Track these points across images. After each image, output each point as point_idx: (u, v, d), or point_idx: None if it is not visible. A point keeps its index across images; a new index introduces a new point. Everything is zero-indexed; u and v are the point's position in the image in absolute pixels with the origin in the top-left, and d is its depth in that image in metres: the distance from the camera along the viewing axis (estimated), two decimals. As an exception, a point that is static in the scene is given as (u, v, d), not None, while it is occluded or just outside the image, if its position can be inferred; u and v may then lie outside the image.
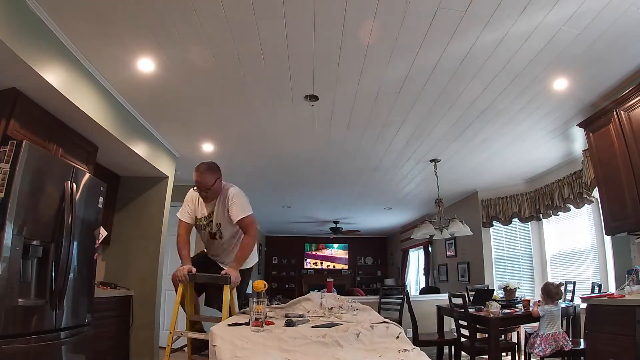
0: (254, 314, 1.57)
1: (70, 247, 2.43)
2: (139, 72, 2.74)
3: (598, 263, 4.06)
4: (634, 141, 2.62)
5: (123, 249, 4.12)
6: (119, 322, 3.66)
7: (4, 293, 1.97)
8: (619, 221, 2.83)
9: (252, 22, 2.21)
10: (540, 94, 3.01)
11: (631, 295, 2.51)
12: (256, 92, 2.99)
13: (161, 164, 4.13)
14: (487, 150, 4.27)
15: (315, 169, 5.01)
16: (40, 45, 2.22)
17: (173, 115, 3.52)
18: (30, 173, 2.19)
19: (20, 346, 2.04)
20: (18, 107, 2.40)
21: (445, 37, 2.34)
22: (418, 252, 9.59)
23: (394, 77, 2.78)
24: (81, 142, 3.13)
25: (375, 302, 5.07)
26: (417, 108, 3.26)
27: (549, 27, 2.24)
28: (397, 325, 1.69)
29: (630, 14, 2.13)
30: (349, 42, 2.39)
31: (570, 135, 3.82)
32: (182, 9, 2.11)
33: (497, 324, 3.33)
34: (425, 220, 4.89)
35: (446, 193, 5.94)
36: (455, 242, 6.85)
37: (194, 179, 2.33)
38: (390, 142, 4.04)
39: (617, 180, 2.80)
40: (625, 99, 2.69)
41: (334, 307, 2.25)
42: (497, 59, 2.55)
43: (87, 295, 2.70)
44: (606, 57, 2.55)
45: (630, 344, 2.22)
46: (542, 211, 5.01)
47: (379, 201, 7.01)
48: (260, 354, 1.22)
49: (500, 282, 4.64)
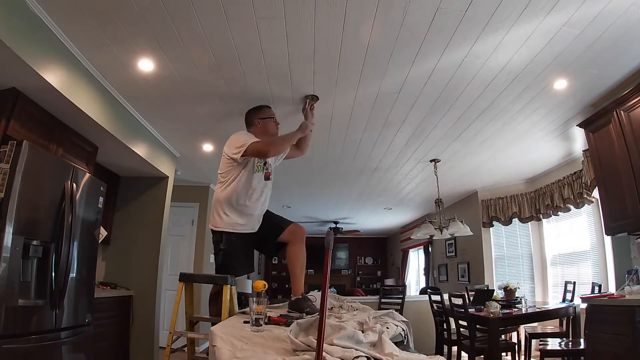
0: (254, 314, 1.57)
1: (70, 247, 2.43)
2: (139, 72, 2.74)
3: (598, 263, 4.06)
4: (634, 141, 2.63)
5: (123, 249, 4.12)
6: (119, 322, 3.66)
7: (4, 293, 1.97)
8: (619, 221, 2.83)
9: (252, 22, 2.21)
10: (540, 94, 3.01)
11: (631, 295, 2.51)
12: (256, 92, 2.99)
13: (161, 164, 4.13)
14: (487, 150, 4.27)
15: (315, 169, 5.01)
16: (40, 45, 2.22)
17: (173, 115, 3.52)
18: (30, 173, 2.19)
19: (20, 346, 2.04)
20: (18, 107, 2.40)
21: (445, 37, 2.33)
22: (418, 252, 9.59)
23: (394, 77, 2.78)
24: (81, 142, 3.13)
25: (375, 302, 5.08)
26: (417, 108, 3.26)
27: (549, 28, 2.24)
28: (398, 325, 1.69)
29: (630, 14, 2.13)
30: (349, 42, 2.39)
31: (570, 135, 3.82)
32: (182, 9, 2.11)
33: (497, 324, 3.34)
34: (425, 221, 4.90)
35: (446, 193, 5.94)
36: (455, 242, 6.86)
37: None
38: (390, 142, 4.04)
39: (617, 180, 2.80)
40: (625, 99, 2.69)
41: (334, 307, 2.25)
42: (497, 59, 2.55)
43: (87, 295, 2.70)
44: (606, 57, 2.55)
45: (630, 344, 2.22)
46: (542, 211, 5.01)
47: (379, 201, 7.01)
48: (260, 354, 1.22)
49: (500, 282, 4.64)
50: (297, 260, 2.31)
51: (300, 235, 2.36)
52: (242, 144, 2.28)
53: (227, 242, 2.26)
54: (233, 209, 2.30)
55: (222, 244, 2.27)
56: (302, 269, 2.32)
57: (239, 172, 2.31)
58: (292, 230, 2.36)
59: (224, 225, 2.29)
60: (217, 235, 2.32)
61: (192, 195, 5.72)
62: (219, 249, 2.29)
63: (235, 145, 2.31)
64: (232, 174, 2.31)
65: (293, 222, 2.40)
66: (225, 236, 2.28)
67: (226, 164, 2.35)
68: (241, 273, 2.38)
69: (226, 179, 2.33)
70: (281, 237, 2.36)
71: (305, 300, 2.16)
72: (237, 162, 2.30)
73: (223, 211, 2.30)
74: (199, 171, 5.18)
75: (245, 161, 2.33)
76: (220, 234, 2.30)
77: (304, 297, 2.18)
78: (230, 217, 2.29)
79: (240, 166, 2.32)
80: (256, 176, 2.36)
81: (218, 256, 2.30)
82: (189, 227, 5.63)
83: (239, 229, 2.30)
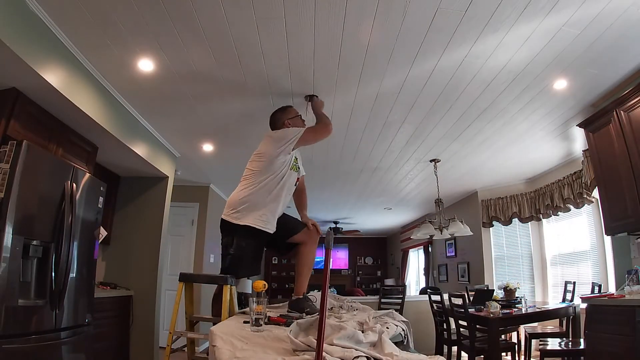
0: (254, 314, 1.57)
1: (70, 247, 2.43)
2: (139, 72, 2.74)
3: (598, 263, 4.06)
4: (634, 141, 2.62)
5: (123, 249, 4.12)
6: (119, 322, 3.66)
7: (4, 293, 1.96)
8: (618, 221, 2.83)
9: (252, 22, 2.21)
10: (540, 94, 3.01)
11: (631, 295, 2.51)
12: (256, 92, 2.99)
13: (161, 164, 4.13)
14: (487, 150, 4.27)
15: (315, 169, 5.01)
16: (40, 45, 2.22)
17: (173, 115, 3.51)
18: (30, 173, 2.19)
19: (20, 346, 2.04)
20: (18, 107, 2.40)
21: (445, 37, 2.33)
22: (418, 252, 9.59)
23: (394, 77, 2.78)
24: (81, 142, 3.13)
25: (375, 302, 5.08)
26: (417, 108, 3.26)
27: (549, 28, 2.24)
28: (398, 325, 1.69)
29: (630, 14, 2.13)
30: (349, 42, 2.39)
31: (570, 135, 3.82)
32: (182, 9, 2.11)
33: (497, 324, 3.34)
34: (425, 221, 4.90)
35: (446, 193, 5.94)
36: (455, 242, 6.86)
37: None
38: (390, 142, 4.04)
39: (617, 180, 2.80)
40: (625, 99, 2.69)
41: (334, 307, 2.25)
42: (497, 59, 2.55)
43: (87, 295, 2.70)
44: (606, 57, 2.55)
45: (630, 344, 2.22)
46: (542, 211, 5.01)
47: (379, 201, 7.01)
48: (260, 354, 1.22)
49: (500, 282, 4.64)
50: (307, 260, 2.32)
51: (315, 237, 2.37)
52: (293, 134, 2.35)
53: (238, 247, 2.18)
54: (264, 205, 2.23)
55: (232, 248, 2.20)
56: (309, 270, 2.33)
57: (278, 169, 2.29)
58: (307, 232, 2.36)
59: (251, 221, 2.18)
60: (229, 237, 2.23)
61: (192, 195, 5.72)
62: (227, 253, 2.22)
63: (285, 137, 2.33)
64: (270, 171, 2.28)
65: (307, 225, 2.37)
66: (237, 239, 2.19)
67: (263, 163, 2.30)
68: (246, 276, 2.37)
69: (262, 177, 2.26)
70: (295, 237, 2.35)
71: (306, 300, 2.16)
72: (283, 156, 2.29)
73: (252, 207, 2.21)
74: (199, 171, 5.18)
75: (285, 160, 2.32)
76: (232, 235, 2.20)
77: (304, 297, 2.18)
78: (258, 214, 2.20)
79: (280, 164, 2.30)
80: (292, 175, 2.38)
81: (225, 259, 2.23)
82: (189, 227, 5.63)
83: (262, 226, 2.20)
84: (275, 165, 2.29)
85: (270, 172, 2.27)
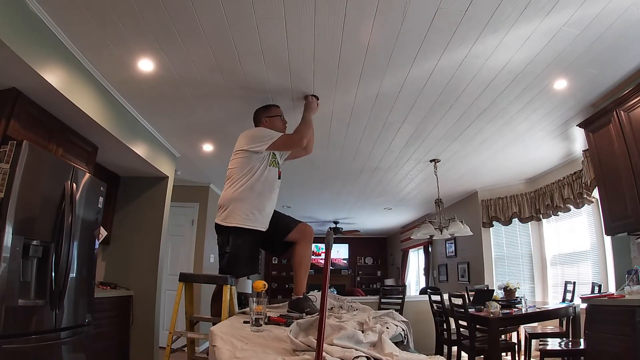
0: (254, 314, 1.57)
1: (70, 247, 2.43)
2: (139, 72, 2.74)
3: (598, 263, 4.06)
4: (634, 141, 2.63)
5: (123, 249, 4.12)
6: (119, 322, 3.66)
7: (4, 293, 1.96)
8: (619, 221, 2.83)
9: (252, 22, 2.21)
10: (540, 94, 3.01)
11: (631, 295, 2.51)
12: (256, 92, 2.99)
13: (161, 164, 4.13)
14: (487, 150, 4.27)
15: (315, 169, 5.01)
16: (40, 45, 2.22)
17: (173, 115, 3.51)
18: (30, 173, 2.19)
19: (20, 346, 2.04)
20: (18, 107, 2.40)
21: (445, 37, 2.33)
22: (418, 252, 9.59)
23: (394, 77, 2.78)
24: (81, 142, 3.13)
25: (375, 302, 5.08)
26: (417, 108, 3.26)
27: (549, 28, 2.24)
28: (398, 325, 1.69)
29: (630, 14, 2.13)
30: (349, 42, 2.39)
31: (570, 135, 3.82)
32: (182, 9, 2.11)
33: (497, 324, 3.34)
34: (425, 221, 4.90)
35: (446, 193, 5.94)
36: (455, 242, 6.86)
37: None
38: (390, 142, 4.04)
39: (617, 180, 2.80)
40: (625, 99, 2.69)
41: (334, 307, 2.25)
42: (497, 59, 2.55)
43: (87, 295, 2.70)
44: (606, 57, 2.55)
45: (631, 344, 2.22)
46: (542, 211, 5.02)
47: (378, 201, 7.01)
48: (260, 354, 1.22)
49: (500, 282, 4.64)
50: (303, 260, 2.32)
51: (309, 236, 2.37)
52: (269, 136, 2.36)
53: (234, 245, 2.22)
54: (248, 202, 2.26)
55: (228, 247, 2.23)
56: (307, 270, 2.33)
57: (256, 165, 2.33)
58: (300, 229, 2.36)
59: (238, 221, 2.22)
60: (223, 236, 2.26)
61: (192, 195, 5.72)
62: (224, 252, 2.25)
63: (259, 137, 2.37)
64: (248, 168, 2.32)
65: (301, 222, 2.40)
66: (232, 238, 2.22)
67: (241, 160, 2.35)
68: (245, 275, 2.38)
69: (240, 175, 2.31)
70: (289, 236, 2.36)
71: (306, 300, 2.16)
72: (258, 154, 2.33)
73: (237, 206, 2.25)
74: (199, 171, 5.18)
75: (261, 156, 2.36)
76: (227, 235, 2.24)
77: (304, 297, 2.18)
78: (244, 212, 2.24)
79: (257, 160, 2.34)
80: (272, 170, 2.40)
81: (223, 259, 2.27)
82: (189, 227, 5.63)
83: (251, 225, 2.25)
84: (252, 163, 2.33)
85: (248, 170, 2.32)
